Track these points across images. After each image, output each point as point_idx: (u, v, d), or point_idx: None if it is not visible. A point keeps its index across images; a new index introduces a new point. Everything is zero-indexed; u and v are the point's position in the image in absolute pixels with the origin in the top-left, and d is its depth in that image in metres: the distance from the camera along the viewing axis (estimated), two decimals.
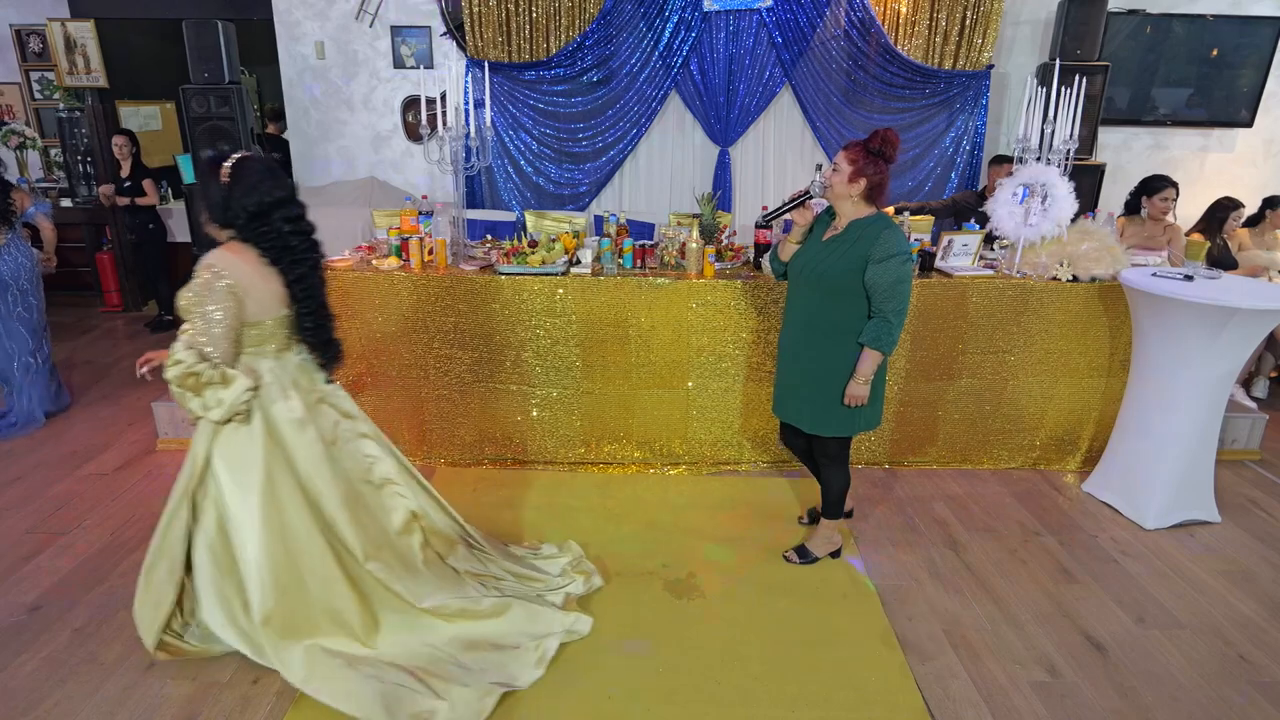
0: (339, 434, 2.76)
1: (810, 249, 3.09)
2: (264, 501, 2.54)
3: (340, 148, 6.44)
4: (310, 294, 2.59)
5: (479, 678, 2.62)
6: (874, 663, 2.83)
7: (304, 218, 2.56)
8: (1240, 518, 3.90)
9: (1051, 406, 4.22)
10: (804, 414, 3.20)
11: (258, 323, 2.52)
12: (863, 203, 2.97)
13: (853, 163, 2.90)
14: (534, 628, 2.84)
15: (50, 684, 2.68)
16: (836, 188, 2.96)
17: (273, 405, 2.57)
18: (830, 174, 2.98)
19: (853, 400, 3.03)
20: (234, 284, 2.41)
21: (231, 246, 2.49)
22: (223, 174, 2.44)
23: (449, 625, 2.77)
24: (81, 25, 6.78)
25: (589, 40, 5.83)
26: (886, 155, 2.90)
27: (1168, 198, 4.90)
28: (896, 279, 2.88)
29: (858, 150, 2.91)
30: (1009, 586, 3.31)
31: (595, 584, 3.18)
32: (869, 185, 2.92)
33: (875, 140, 2.90)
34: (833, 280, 2.97)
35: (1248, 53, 6.21)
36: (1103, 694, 2.70)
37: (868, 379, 2.99)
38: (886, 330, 2.91)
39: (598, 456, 4.28)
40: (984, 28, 5.82)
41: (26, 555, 3.42)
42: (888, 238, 2.88)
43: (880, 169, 2.91)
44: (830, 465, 3.31)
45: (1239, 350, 3.58)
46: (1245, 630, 3.06)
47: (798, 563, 3.42)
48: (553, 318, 4.00)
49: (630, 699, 2.64)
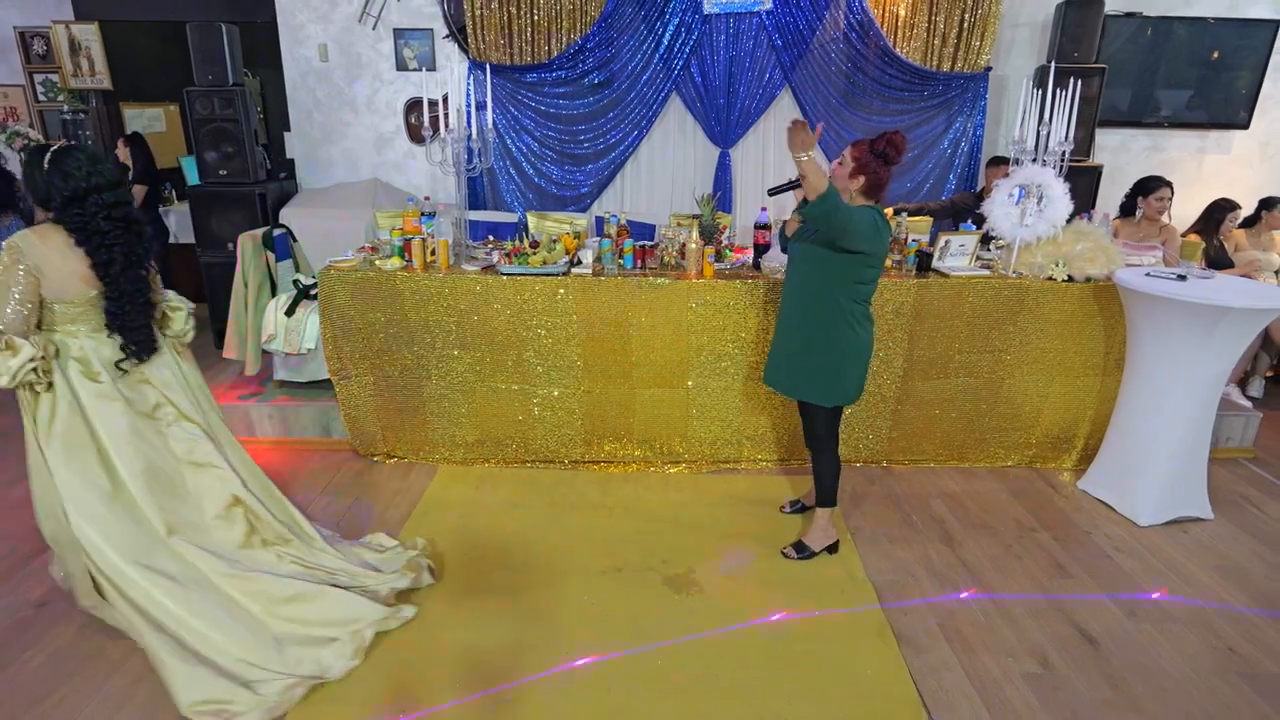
0: (160, 415, 2.91)
1: (808, 227, 3.20)
2: (61, 464, 2.69)
3: (344, 149, 6.49)
4: (114, 279, 2.73)
5: (291, 667, 2.68)
6: (869, 656, 2.88)
7: (121, 205, 2.73)
8: (1233, 514, 3.94)
9: (1047, 405, 4.27)
10: (789, 380, 3.36)
11: (66, 301, 2.69)
12: (860, 197, 3.10)
13: (856, 159, 3.05)
14: (348, 614, 2.89)
15: (57, 678, 2.72)
16: (838, 180, 3.08)
17: (81, 378, 2.73)
18: (836, 166, 3.13)
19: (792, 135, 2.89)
20: (30, 264, 2.59)
21: (40, 228, 2.68)
22: (45, 160, 2.64)
23: (256, 606, 2.82)
24: (86, 27, 6.83)
25: (590, 43, 5.87)
26: (889, 157, 3.03)
27: (1163, 198, 4.94)
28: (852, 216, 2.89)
29: (864, 148, 3.05)
30: (1003, 581, 3.35)
31: (425, 581, 3.22)
32: (867, 182, 3.06)
33: (881, 142, 3.03)
34: (816, 251, 3.10)
35: (1245, 55, 6.24)
36: (1094, 685, 2.75)
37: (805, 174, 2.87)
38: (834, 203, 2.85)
39: (598, 455, 4.32)
40: (982, 30, 5.86)
41: (34, 551, 3.46)
42: (862, 208, 2.98)
43: (880, 169, 3.04)
44: (821, 449, 3.42)
45: (1232, 349, 3.63)
46: (1236, 624, 3.10)
47: (796, 559, 3.48)
48: (554, 318, 4.04)
49: (629, 694, 2.68)
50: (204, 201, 5.80)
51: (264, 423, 4.48)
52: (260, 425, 4.49)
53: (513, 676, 2.74)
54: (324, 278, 4.07)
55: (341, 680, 2.69)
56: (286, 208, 5.89)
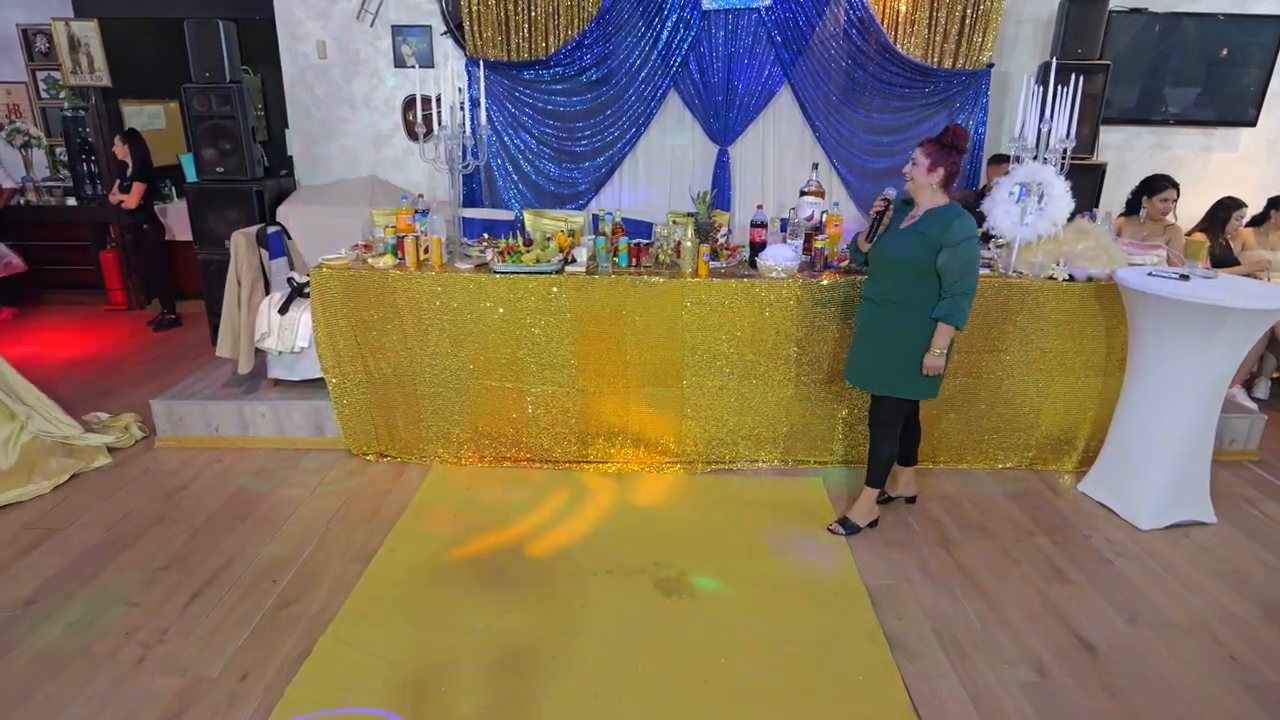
0: None
1: (891, 235, 3.44)
2: None
3: (342, 146, 6.46)
4: None
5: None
6: (861, 661, 2.83)
7: None
8: (1236, 518, 3.88)
9: (1047, 406, 4.21)
10: (874, 378, 3.55)
11: None
12: (940, 191, 3.33)
13: (929, 155, 3.27)
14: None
15: (41, 677, 2.70)
16: (918, 178, 3.31)
17: None
18: (910, 169, 3.34)
19: (929, 370, 3.38)
20: None
21: None
22: None
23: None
24: (85, 25, 6.82)
25: (588, 39, 5.82)
26: (958, 147, 3.27)
27: (1168, 198, 4.87)
28: (967, 260, 3.22)
29: (932, 145, 3.28)
30: (1000, 586, 3.30)
31: (135, 435, 4.55)
32: (945, 174, 3.28)
33: (947, 135, 3.27)
34: (912, 262, 3.31)
35: (1252, 52, 6.17)
36: (1090, 694, 2.70)
37: (943, 351, 3.34)
38: (958, 307, 3.25)
39: (592, 454, 4.28)
40: (984, 26, 5.80)
41: (22, 550, 3.45)
42: (959, 224, 3.22)
43: (954, 159, 3.27)
44: (883, 433, 3.60)
45: (1235, 350, 3.57)
46: (1237, 630, 3.04)
47: (842, 534, 3.66)
48: (547, 316, 4.01)
49: (616, 698, 2.64)
50: (202, 199, 5.78)
51: (257, 421, 4.45)
52: (253, 424, 4.46)
53: (502, 679, 2.71)
54: (316, 276, 4.04)
55: (332, 678, 2.66)
56: (284, 205, 5.86)
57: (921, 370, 3.38)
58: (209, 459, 4.32)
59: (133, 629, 2.95)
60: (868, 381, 3.59)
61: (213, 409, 4.45)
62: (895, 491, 3.92)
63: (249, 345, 4.52)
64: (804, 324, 4.01)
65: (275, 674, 2.72)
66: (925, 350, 3.36)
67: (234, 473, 4.18)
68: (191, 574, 3.30)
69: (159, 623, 2.99)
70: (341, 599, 3.13)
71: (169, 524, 3.68)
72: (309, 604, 3.11)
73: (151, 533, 3.61)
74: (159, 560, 3.40)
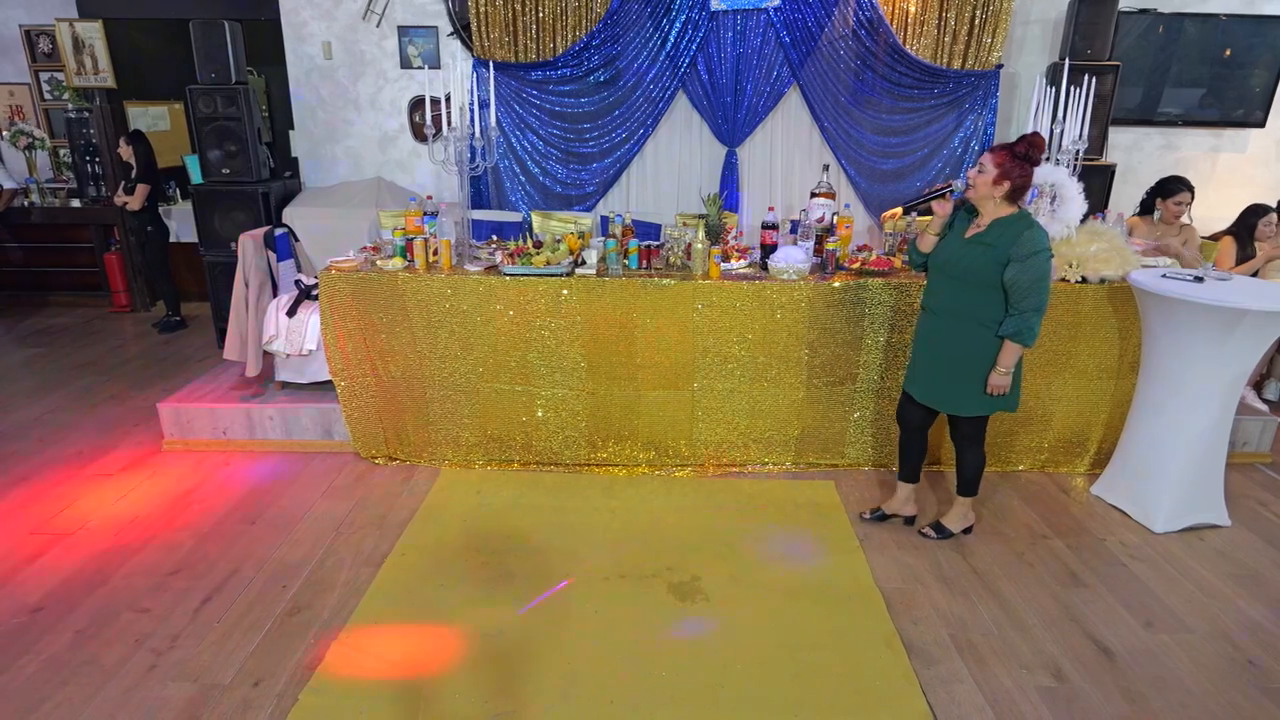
0: None
1: (953, 244, 3.27)
2: None
3: (347, 148, 6.44)
4: None
5: None
6: (878, 667, 2.81)
7: None
8: (1250, 521, 3.86)
9: (1060, 409, 4.19)
10: (944, 396, 3.40)
11: None
12: (1005, 203, 3.13)
13: (999, 165, 3.06)
14: None
15: (51, 685, 2.68)
16: (981, 188, 3.11)
17: None
18: (975, 174, 3.14)
19: (995, 389, 3.23)
20: None
21: None
22: None
23: None
24: (89, 25, 6.81)
25: (596, 40, 5.80)
26: (1032, 158, 3.06)
27: (1182, 201, 4.84)
28: (1038, 276, 3.03)
29: (1004, 154, 3.07)
30: (1016, 590, 3.28)
31: None
32: (1013, 187, 3.08)
33: (1021, 145, 3.06)
34: (977, 275, 3.14)
35: (1260, 52, 6.15)
36: (1110, 700, 2.67)
37: (1009, 369, 3.18)
38: (1027, 325, 3.08)
39: (602, 458, 4.26)
40: (993, 27, 5.77)
41: (30, 556, 3.43)
42: (1030, 236, 3.03)
43: (1025, 171, 3.06)
44: (967, 445, 3.50)
45: (1250, 352, 3.54)
46: (1255, 635, 3.02)
47: (934, 538, 3.63)
48: (557, 318, 3.99)
49: (632, 705, 2.62)
50: (207, 200, 5.76)
51: (265, 424, 4.43)
52: (261, 427, 4.44)
53: (514, 685, 2.69)
54: (325, 278, 4.02)
55: (346, 684, 2.64)
56: (289, 207, 5.84)
57: (986, 389, 3.24)
58: (217, 462, 4.30)
59: (143, 636, 2.93)
60: (940, 401, 3.41)
61: (220, 412, 4.43)
62: (892, 510, 3.77)
63: (257, 348, 4.50)
64: (816, 326, 3.99)
65: (289, 680, 2.70)
66: (991, 368, 3.22)
67: (242, 476, 4.16)
68: (201, 579, 3.28)
69: (169, 629, 2.97)
70: (353, 604, 3.11)
71: (177, 529, 3.66)
72: (320, 609, 3.09)
73: (160, 538, 3.59)
74: (168, 565, 3.38)
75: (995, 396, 3.26)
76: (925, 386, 3.45)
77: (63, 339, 6.56)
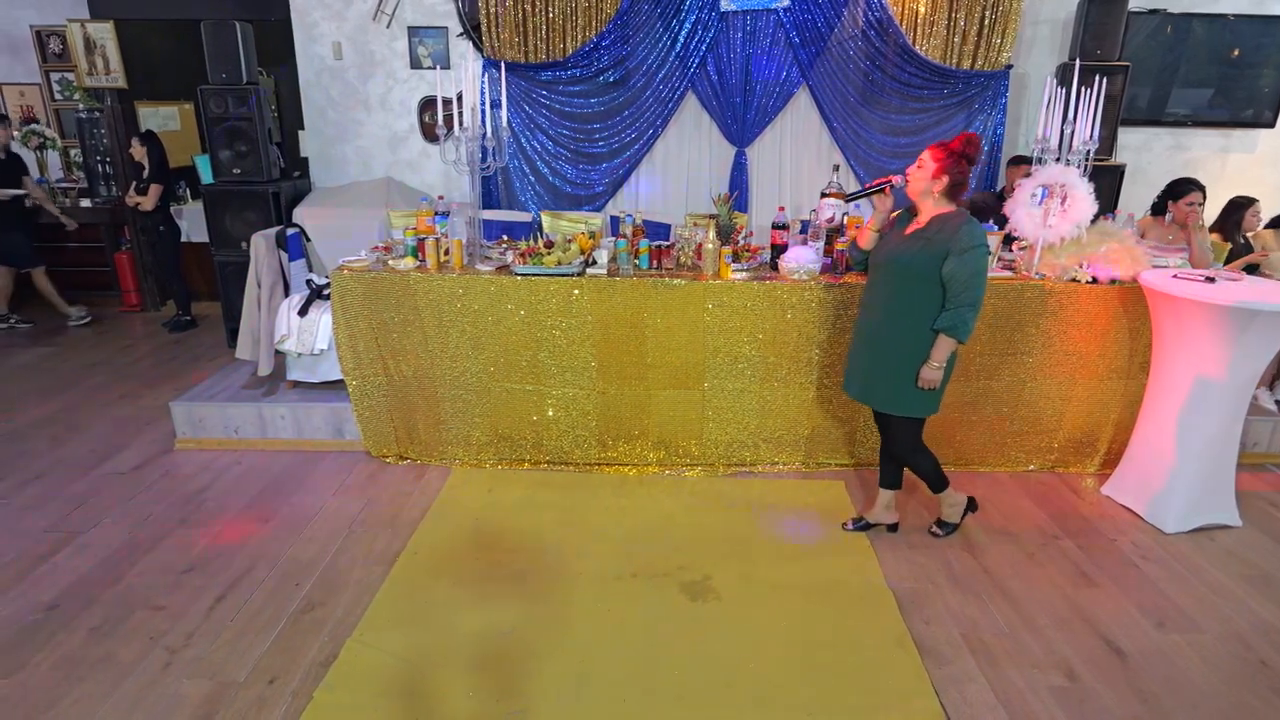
0: None
1: (892, 241, 3.28)
2: None
3: (357, 148, 6.46)
4: None
5: None
6: (890, 666, 2.81)
7: None
8: (1261, 521, 3.85)
9: (1070, 409, 4.19)
10: (877, 393, 3.39)
11: None
12: (944, 199, 3.15)
13: (939, 160, 3.10)
14: None
15: (68, 683, 2.69)
16: (920, 183, 3.14)
17: None
18: (913, 170, 3.16)
19: (925, 383, 3.21)
20: None
21: None
22: None
23: None
24: (101, 26, 6.83)
25: (605, 40, 5.82)
26: (970, 156, 3.10)
27: (1193, 202, 4.82)
28: (975, 270, 3.05)
29: (942, 149, 3.11)
30: (1027, 590, 3.28)
31: None
32: (951, 183, 3.11)
33: (958, 142, 3.10)
34: (915, 270, 3.14)
35: (1268, 52, 6.14)
36: (1123, 700, 2.68)
37: (942, 364, 3.17)
38: (962, 319, 3.08)
39: (613, 457, 4.27)
40: (1003, 27, 5.78)
41: (44, 554, 3.45)
42: (968, 230, 3.05)
43: (963, 168, 3.10)
44: (908, 458, 3.50)
45: (1261, 353, 3.54)
46: (1267, 636, 3.02)
47: (942, 535, 3.66)
48: (568, 318, 4.00)
49: (644, 704, 2.63)
50: (218, 200, 5.79)
51: (276, 423, 4.45)
52: (273, 426, 4.46)
53: (526, 684, 2.70)
54: (337, 278, 4.04)
55: (359, 682, 2.65)
56: (300, 207, 5.86)
57: (916, 382, 3.21)
58: (229, 461, 4.32)
59: (157, 633, 2.95)
60: (868, 396, 3.42)
61: (232, 411, 4.45)
62: (873, 517, 3.70)
63: (269, 347, 4.52)
64: (826, 326, 4.00)
65: (303, 678, 2.72)
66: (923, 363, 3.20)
67: (254, 475, 4.18)
68: (215, 577, 3.30)
69: (184, 627, 2.99)
70: (366, 601, 3.12)
71: (191, 527, 3.68)
72: (334, 607, 3.10)
73: (173, 536, 3.61)
74: (182, 563, 3.39)
75: (919, 395, 3.26)
76: (861, 385, 3.44)
77: (74, 338, 6.60)
